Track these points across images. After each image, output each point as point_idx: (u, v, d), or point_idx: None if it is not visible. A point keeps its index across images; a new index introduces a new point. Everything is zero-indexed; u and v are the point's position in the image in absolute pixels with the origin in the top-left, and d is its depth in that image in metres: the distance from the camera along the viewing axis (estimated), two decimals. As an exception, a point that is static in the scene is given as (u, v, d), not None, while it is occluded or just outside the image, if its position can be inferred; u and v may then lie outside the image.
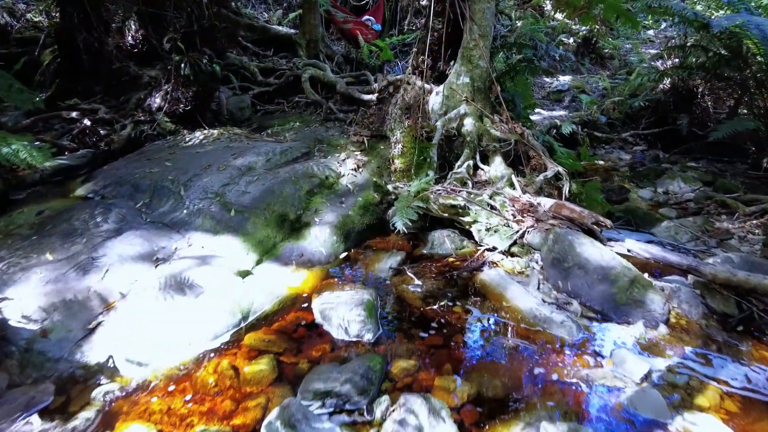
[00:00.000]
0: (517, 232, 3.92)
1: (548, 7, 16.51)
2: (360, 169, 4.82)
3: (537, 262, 3.78)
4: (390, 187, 4.49)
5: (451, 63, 5.11)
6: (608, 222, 3.79)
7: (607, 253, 3.45)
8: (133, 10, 6.51)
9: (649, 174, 7.00)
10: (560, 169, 4.61)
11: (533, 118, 8.48)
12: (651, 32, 17.45)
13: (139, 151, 5.21)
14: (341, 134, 5.53)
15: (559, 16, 16.70)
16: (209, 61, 5.47)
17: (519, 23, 12.99)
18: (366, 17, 9.59)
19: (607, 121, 8.78)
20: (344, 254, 3.95)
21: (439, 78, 5.08)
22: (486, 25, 4.86)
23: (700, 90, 8.55)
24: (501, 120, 4.90)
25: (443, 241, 4.05)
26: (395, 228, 3.88)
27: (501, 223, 3.98)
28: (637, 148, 8.81)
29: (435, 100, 5.00)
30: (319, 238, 3.91)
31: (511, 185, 4.35)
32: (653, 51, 15.53)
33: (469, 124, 4.74)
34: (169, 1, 5.77)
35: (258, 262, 3.64)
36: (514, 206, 4.09)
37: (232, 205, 3.95)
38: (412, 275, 3.58)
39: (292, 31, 8.02)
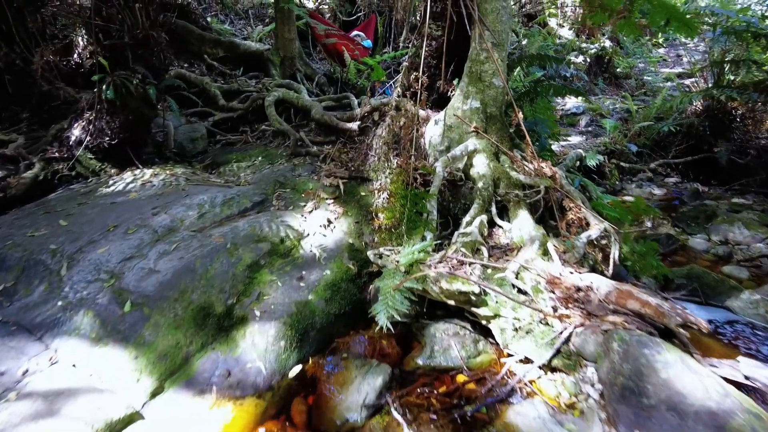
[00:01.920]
0: (560, 333, 2.57)
1: (553, 23, 15.49)
2: (332, 225, 3.50)
3: (593, 385, 2.42)
4: (371, 255, 3.15)
5: (455, 81, 3.83)
6: (703, 324, 2.45)
7: (712, 383, 2.10)
8: (77, 20, 5.28)
9: (697, 216, 5.65)
10: (607, 225, 3.29)
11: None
12: (662, 50, 16.40)
13: (41, 200, 3.92)
14: (311, 174, 4.22)
15: (565, 32, 15.64)
16: (141, 81, 4.21)
17: (525, 41, 11.86)
18: (355, 32, 8.41)
19: (641, 151, 7.51)
20: (297, 369, 2.59)
21: (439, 101, 3.80)
22: (501, 30, 3.60)
23: (739, 112, 7.31)
24: (524, 157, 3.60)
25: (448, 344, 2.70)
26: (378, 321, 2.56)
27: (535, 319, 2.64)
28: (670, 180, 7.52)
29: (433, 132, 3.71)
30: (259, 345, 2.57)
31: (545, 254, 3.01)
32: (666, 70, 14.42)
33: (481, 164, 3.43)
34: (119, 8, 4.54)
35: (156, 392, 2.30)
36: (553, 291, 2.75)
37: (129, 294, 2.61)
38: (399, 417, 2.22)
39: (265, 47, 6.83)
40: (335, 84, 7.13)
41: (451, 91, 3.81)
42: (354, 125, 4.45)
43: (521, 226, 3.26)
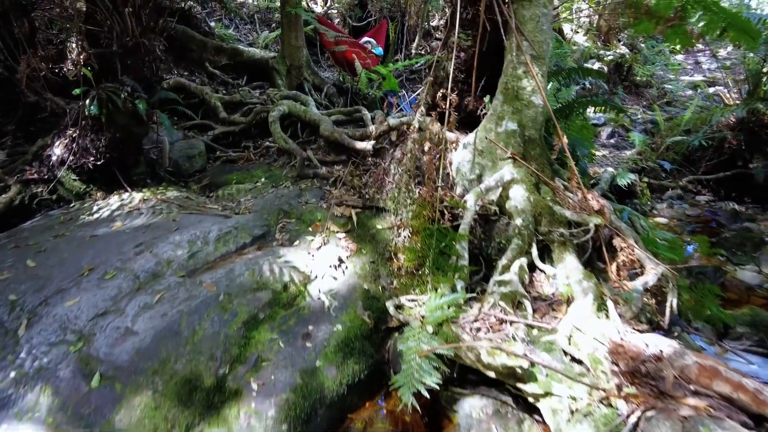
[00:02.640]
0: (626, 417, 2.06)
1: (566, 29, 14.97)
2: (343, 265, 3.02)
3: (676, 492, 1.91)
4: (390, 306, 2.67)
5: (486, 99, 3.34)
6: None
7: None
8: (70, 25, 4.85)
9: (742, 242, 5.11)
10: (664, 269, 2.79)
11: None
12: (679, 57, 15.83)
13: (14, 230, 3.46)
14: (320, 201, 3.74)
15: (580, 39, 15.13)
16: (130, 95, 3.75)
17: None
18: (365, 39, 7.95)
19: (671, 168, 6.98)
20: (302, 460, 2.10)
21: (467, 122, 3.31)
22: (541, 40, 3.11)
23: (777, 125, 6.79)
24: (566, 188, 3.10)
25: (488, 427, 2.20)
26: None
27: (595, 399, 2.13)
28: (701, 198, 6.98)
29: (462, 157, 3.22)
30: (256, 429, 2.07)
31: (601, 308, 2.51)
32: (686, 77, 13.87)
33: (519, 196, 2.93)
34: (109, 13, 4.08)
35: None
36: (615, 361, 2.25)
37: (99, 364, 2.13)
38: None
39: (271, 54, 6.37)
40: (345, 94, 6.66)
41: (482, 110, 3.32)
42: (368, 145, 3.97)
43: (568, 272, 2.75)
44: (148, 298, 2.48)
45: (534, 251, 2.89)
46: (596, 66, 12.81)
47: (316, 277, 2.92)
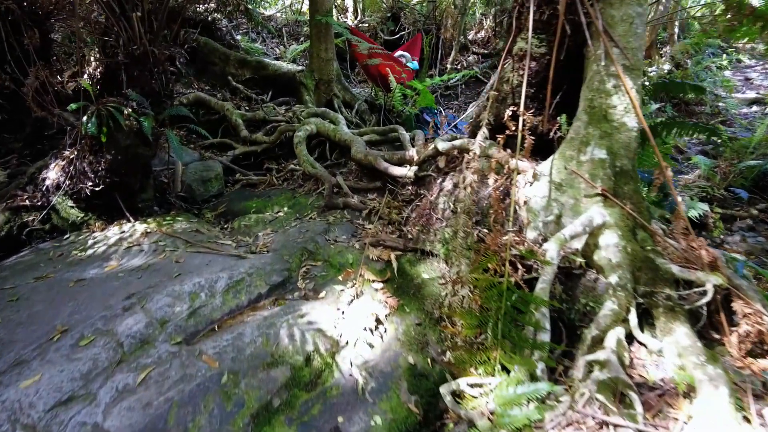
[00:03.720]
0: None
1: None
2: (381, 327, 2.37)
3: None
4: (446, 393, 2.01)
5: (561, 119, 2.69)
6: None
7: None
8: (88, 36, 4.43)
9: None
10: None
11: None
12: (727, 73, 14.87)
13: (-6, 266, 2.94)
14: (351, 238, 3.13)
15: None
16: (135, 111, 3.23)
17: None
18: (399, 53, 7.40)
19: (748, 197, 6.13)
20: None
21: (538, 146, 2.65)
22: (635, 47, 2.46)
23: None
24: (666, 233, 2.41)
25: None
26: None
27: None
28: (777, 229, 6.08)
29: (533, 192, 2.56)
30: None
31: (739, 407, 1.80)
32: (738, 95, 12.91)
33: (612, 246, 2.26)
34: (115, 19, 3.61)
35: None
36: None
37: (48, 483, 1.53)
38: None
39: (298, 68, 5.87)
40: (377, 112, 6.09)
41: (556, 132, 2.66)
42: (409, 171, 3.35)
43: (680, 348, 2.05)
44: (129, 378, 1.88)
45: (633, 318, 2.20)
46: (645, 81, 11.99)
47: (347, 343, 2.29)
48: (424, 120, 6.56)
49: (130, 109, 3.26)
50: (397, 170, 3.47)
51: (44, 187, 3.46)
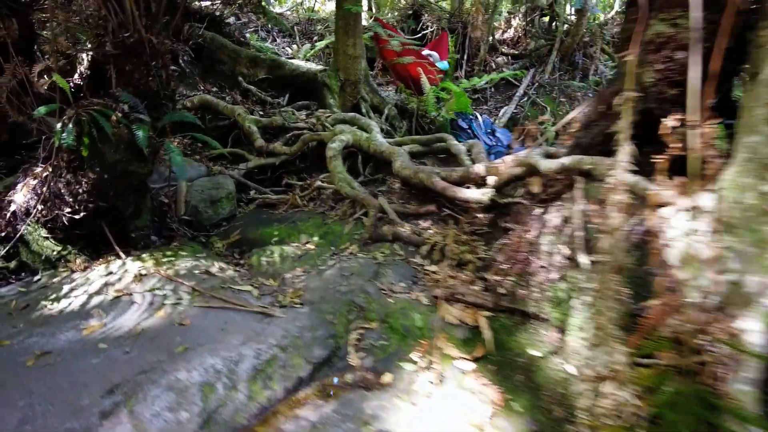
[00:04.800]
0: None
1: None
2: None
3: None
4: None
5: (716, 131, 1.91)
6: None
7: None
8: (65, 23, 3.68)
9: None
10: None
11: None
12: None
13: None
14: (412, 285, 2.36)
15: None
16: (126, 117, 2.48)
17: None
18: (426, 52, 6.65)
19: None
20: None
21: (678, 168, 1.88)
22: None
23: None
24: None
25: None
26: None
27: None
28: None
29: (685, 233, 1.78)
30: None
31: None
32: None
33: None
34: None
35: None
36: None
37: None
38: None
39: (319, 67, 5.11)
40: (408, 117, 5.33)
41: (712, 150, 1.89)
42: (482, 195, 2.58)
43: None
44: None
45: None
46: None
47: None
48: (459, 126, 5.82)
49: (119, 114, 2.49)
50: (463, 193, 2.70)
51: (9, 213, 2.69)
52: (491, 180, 2.58)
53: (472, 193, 2.66)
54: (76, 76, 3.17)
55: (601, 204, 1.98)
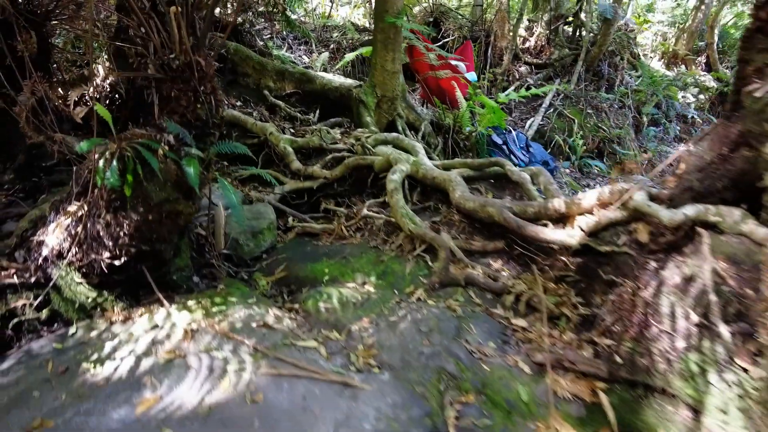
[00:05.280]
0: None
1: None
2: None
3: None
4: None
5: None
6: None
7: None
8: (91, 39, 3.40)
9: None
10: None
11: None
12: None
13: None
14: (504, 347, 2.09)
15: (656, 64, 13.39)
16: (174, 150, 2.20)
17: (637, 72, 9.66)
18: (454, 62, 6.39)
19: None
20: None
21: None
22: None
23: None
24: None
25: None
26: None
27: None
28: None
29: None
30: None
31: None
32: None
33: None
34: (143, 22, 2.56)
35: None
36: None
37: None
38: None
39: (352, 82, 4.84)
40: (443, 134, 5.07)
41: None
42: (568, 238, 2.32)
43: None
44: None
45: None
46: (693, 96, 10.99)
47: None
48: (493, 142, 5.56)
49: (167, 147, 2.22)
50: (545, 233, 2.44)
51: (41, 256, 2.40)
52: (583, 224, 2.31)
53: (556, 235, 2.40)
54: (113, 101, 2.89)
55: (735, 263, 1.72)
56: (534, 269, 2.43)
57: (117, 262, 2.29)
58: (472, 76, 6.45)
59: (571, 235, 2.35)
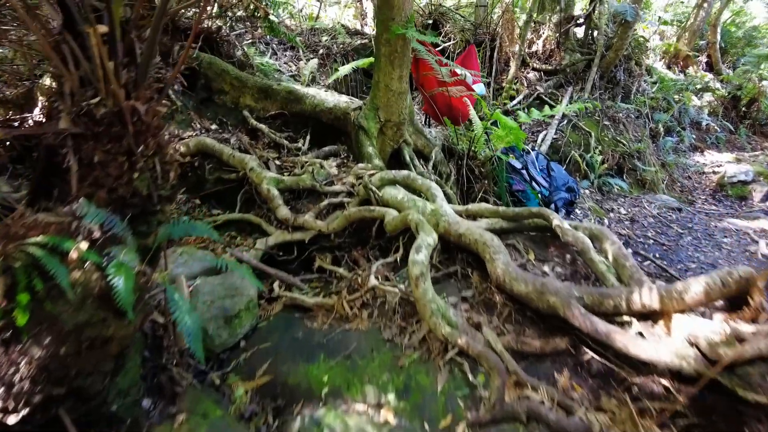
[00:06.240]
0: None
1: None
2: None
3: None
4: None
5: None
6: None
7: None
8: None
9: None
10: None
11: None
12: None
13: None
14: None
15: (659, 66, 12.77)
16: (98, 245, 1.43)
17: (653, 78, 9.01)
18: (459, 69, 5.63)
19: None
20: None
21: None
22: None
23: None
24: None
25: None
26: None
27: None
28: None
29: None
30: None
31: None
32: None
33: None
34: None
35: None
36: None
37: None
38: None
39: (347, 101, 4.03)
40: (455, 161, 4.32)
41: None
42: (682, 362, 1.58)
43: None
44: None
45: None
46: (708, 100, 10.35)
47: None
48: (512, 167, 4.82)
49: (85, 246, 1.43)
50: (641, 348, 1.69)
51: None
52: (716, 355, 1.56)
53: (660, 354, 1.66)
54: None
55: None
56: (624, 397, 1.69)
57: (12, 418, 1.50)
58: (479, 88, 5.69)
59: (682, 357, 1.62)
